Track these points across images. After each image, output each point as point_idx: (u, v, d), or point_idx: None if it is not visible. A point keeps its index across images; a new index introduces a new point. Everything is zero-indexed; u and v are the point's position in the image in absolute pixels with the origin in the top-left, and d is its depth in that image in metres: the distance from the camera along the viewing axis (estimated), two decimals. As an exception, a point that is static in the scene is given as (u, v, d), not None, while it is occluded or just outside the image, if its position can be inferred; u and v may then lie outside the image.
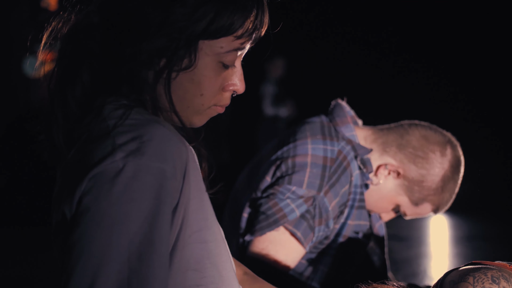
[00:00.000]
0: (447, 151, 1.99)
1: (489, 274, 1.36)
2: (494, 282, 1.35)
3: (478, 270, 1.38)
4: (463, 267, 1.45)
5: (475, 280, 1.36)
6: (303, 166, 1.87)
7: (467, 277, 1.38)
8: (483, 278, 1.36)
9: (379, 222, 2.18)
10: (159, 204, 1.06)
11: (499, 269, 1.38)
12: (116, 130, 1.09)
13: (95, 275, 1.02)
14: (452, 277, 1.43)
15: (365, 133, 2.04)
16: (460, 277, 1.40)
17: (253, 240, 1.86)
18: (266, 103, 7.13)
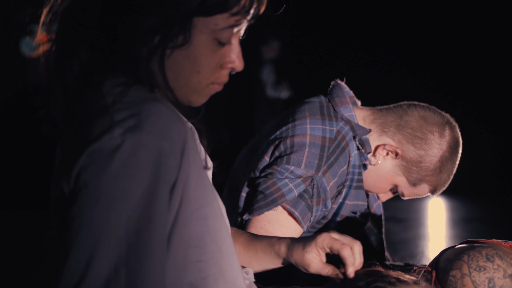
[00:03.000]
0: (446, 132, 1.99)
1: (483, 252, 1.37)
2: (488, 260, 1.36)
3: (473, 248, 1.40)
4: (459, 246, 1.46)
5: (469, 258, 1.37)
6: (302, 146, 1.88)
7: (462, 255, 1.39)
8: (478, 256, 1.37)
9: (377, 202, 2.19)
10: (157, 181, 1.06)
11: (493, 247, 1.39)
12: (115, 107, 1.09)
13: (93, 251, 1.03)
14: (448, 255, 1.44)
15: (364, 113, 2.04)
16: (455, 255, 1.41)
17: (251, 219, 1.87)
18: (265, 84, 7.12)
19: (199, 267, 1.21)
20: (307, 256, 1.42)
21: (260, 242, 1.52)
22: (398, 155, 2.00)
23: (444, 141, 1.99)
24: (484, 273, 1.35)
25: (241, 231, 1.57)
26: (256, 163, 1.95)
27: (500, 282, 1.34)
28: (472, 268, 1.36)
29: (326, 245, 1.41)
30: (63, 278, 1.04)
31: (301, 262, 1.44)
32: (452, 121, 2.02)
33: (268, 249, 1.50)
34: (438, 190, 2.07)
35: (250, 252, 1.52)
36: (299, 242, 1.46)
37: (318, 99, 2.03)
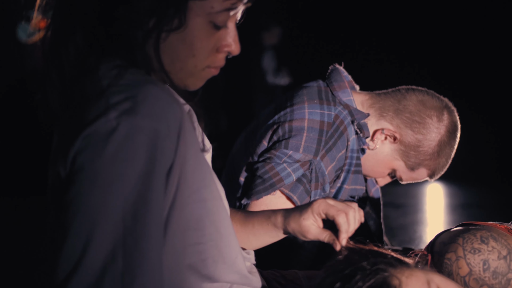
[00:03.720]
0: (444, 116, 2.00)
1: (478, 235, 1.38)
2: (483, 242, 1.37)
3: (468, 231, 1.40)
4: (454, 229, 1.47)
5: (464, 241, 1.38)
6: (300, 131, 1.88)
7: (457, 238, 1.40)
8: (472, 238, 1.38)
9: (375, 187, 2.20)
10: (153, 163, 1.06)
11: (488, 229, 1.40)
12: (110, 90, 1.09)
13: (90, 234, 1.03)
14: (443, 238, 1.45)
15: (362, 98, 2.04)
16: (450, 238, 1.42)
17: (250, 204, 1.87)
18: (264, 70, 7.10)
19: (198, 250, 1.22)
20: (304, 223, 1.42)
21: (256, 217, 1.52)
22: (396, 140, 2.00)
23: (442, 125, 1.99)
24: (479, 255, 1.35)
25: (236, 210, 1.57)
26: (254, 147, 1.95)
27: (494, 263, 1.34)
28: (467, 251, 1.36)
29: (322, 211, 1.41)
30: (60, 261, 1.04)
31: (299, 229, 1.43)
32: (450, 105, 2.03)
33: (265, 221, 1.50)
34: (436, 174, 2.07)
35: (247, 228, 1.52)
36: (295, 210, 1.46)
37: (317, 84, 2.04)
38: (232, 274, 1.30)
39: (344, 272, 1.22)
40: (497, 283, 1.34)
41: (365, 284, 1.18)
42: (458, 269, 1.36)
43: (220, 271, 1.27)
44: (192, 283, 1.23)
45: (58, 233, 1.08)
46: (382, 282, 1.18)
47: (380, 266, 1.22)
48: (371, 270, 1.21)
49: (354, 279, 1.19)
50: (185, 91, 1.26)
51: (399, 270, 1.22)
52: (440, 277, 1.26)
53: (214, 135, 1.38)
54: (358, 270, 1.22)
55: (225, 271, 1.28)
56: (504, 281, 1.34)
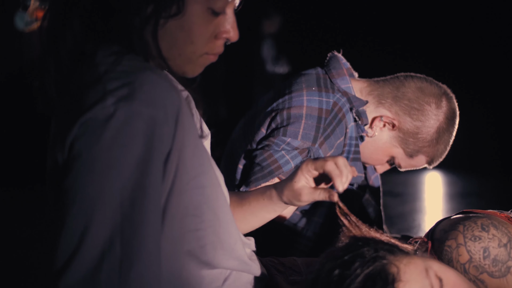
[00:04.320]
0: (443, 103, 1.99)
1: (479, 222, 1.38)
2: (483, 230, 1.36)
3: (469, 218, 1.40)
4: (454, 216, 1.47)
5: (465, 228, 1.38)
6: (298, 118, 1.87)
7: (458, 225, 1.40)
8: (473, 226, 1.37)
9: (374, 174, 2.20)
10: (151, 150, 1.06)
11: (489, 217, 1.40)
12: (107, 76, 1.09)
13: (88, 221, 1.03)
14: (443, 226, 1.44)
15: (361, 85, 2.04)
16: (450, 225, 1.42)
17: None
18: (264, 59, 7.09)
19: (197, 236, 1.22)
20: (296, 186, 1.42)
21: (251, 195, 1.53)
22: (395, 127, 2.00)
23: (441, 112, 1.99)
24: (479, 243, 1.35)
25: (231, 192, 1.57)
26: (253, 135, 1.95)
27: (494, 251, 1.34)
28: (467, 238, 1.36)
29: (310, 168, 1.40)
30: (58, 248, 1.04)
31: (292, 194, 1.43)
32: (449, 92, 2.02)
33: (260, 197, 1.50)
34: (435, 161, 2.07)
35: (244, 207, 1.52)
36: (286, 178, 1.46)
37: (315, 71, 2.03)
38: (231, 260, 1.30)
39: (343, 259, 1.22)
40: (497, 270, 1.34)
41: (364, 271, 1.18)
42: (458, 256, 1.36)
43: (219, 257, 1.27)
44: (191, 269, 1.23)
45: (56, 220, 1.07)
46: (380, 270, 1.18)
47: (379, 253, 1.22)
48: (370, 257, 1.21)
49: (352, 266, 1.19)
50: (184, 78, 1.25)
51: (397, 258, 1.22)
52: (438, 264, 1.26)
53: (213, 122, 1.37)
54: (357, 257, 1.22)
55: (224, 257, 1.28)
56: (504, 268, 1.34)
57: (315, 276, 1.23)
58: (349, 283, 1.17)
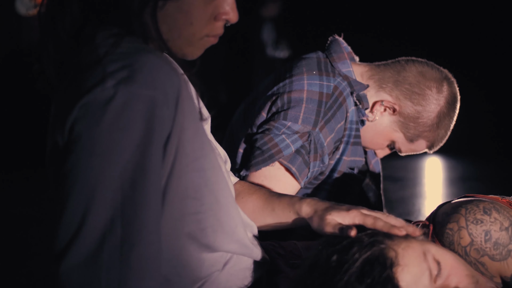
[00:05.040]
0: (444, 88, 1.98)
1: (481, 206, 1.38)
2: (485, 213, 1.36)
3: (471, 202, 1.40)
4: (456, 200, 1.47)
5: (467, 211, 1.38)
6: (299, 102, 1.87)
7: (460, 208, 1.40)
8: (475, 209, 1.38)
9: (375, 159, 2.19)
10: (151, 132, 1.06)
11: (491, 201, 1.40)
12: (107, 58, 1.08)
13: (89, 203, 1.03)
14: (445, 209, 1.44)
15: (362, 69, 2.03)
16: (452, 209, 1.42)
17: (249, 175, 1.87)
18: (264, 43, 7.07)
19: (197, 219, 1.22)
20: (328, 217, 1.36)
21: (278, 200, 1.49)
22: (395, 111, 1.99)
23: (441, 96, 1.98)
24: (481, 226, 1.35)
25: (256, 186, 1.55)
26: (253, 119, 1.94)
27: (496, 234, 1.34)
28: (469, 221, 1.36)
29: (356, 221, 1.34)
30: (59, 231, 1.05)
31: (319, 222, 1.38)
32: (450, 77, 2.01)
33: (288, 207, 1.46)
34: (436, 146, 2.07)
35: (267, 210, 1.50)
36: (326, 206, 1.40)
37: (316, 55, 2.02)
38: (232, 243, 1.30)
39: (341, 244, 1.22)
40: (498, 253, 1.34)
41: (362, 256, 1.18)
42: (460, 239, 1.36)
43: (220, 241, 1.27)
44: (191, 252, 1.23)
45: (56, 203, 1.07)
46: (378, 254, 1.18)
47: (376, 238, 1.22)
48: (367, 242, 1.21)
49: (351, 251, 1.19)
50: (183, 61, 1.25)
51: (395, 242, 1.22)
52: (436, 248, 1.26)
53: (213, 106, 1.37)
54: (354, 242, 1.22)
55: (224, 240, 1.28)
56: (505, 252, 1.34)
57: (313, 261, 1.23)
58: (347, 268, 1.17)
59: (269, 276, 1.40)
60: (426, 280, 1.19)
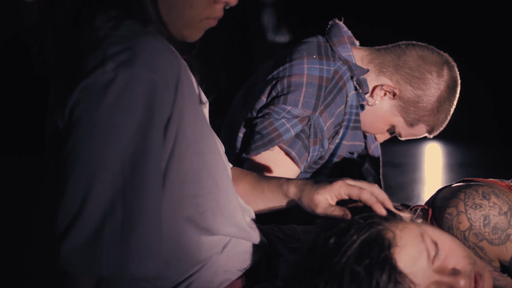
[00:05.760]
0: (444, 72, 1.98)
1: (480, 191, 1.38)
2: (484, 198, 1.37)
3: (470, 186, 1.40)
4: (455, 184, 1.47)
5: (466, 196, 1.38)
6: (299, 86, 1.86)
7: (459, 193, 1.40)
8: (474, 194, 1.38)
9: (374, 143, 2.20)
10: (151, 114, 1.06)
11: (490, 186, 1.40)
12: (107, 41, 1.08)
13: (89, 185, 1.04)
14: (444, 193, 1.45)
15: (362, 53, 2.02)
16: (451, 193, 1.42)
17: (248, 160, 1.87)
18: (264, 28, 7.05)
19: (196, 202, 1.22)
20: (316, 197, 1.37)
21: (267, 182, 1.50)
22: (395, 96, 1.99)
23: (442, 80, 1.98)
24: (480, 211, 1.35)
25: (247, 171, 1.56)
26: (253, 103, 1.94)
27: (495, 219, 1.34)
28: (468, 206, 1.36)
29: (343, 192, 1.36)
30: (60, 213, 1.05)
31: (309, 202, 1.39)
32: (450, 61, 2.01)
33: (276, 189, 1.47)
34: (435, 130, 2.07)
35: (256, 192, 1.50)
36: (312, 184, 1.41)
37: (316, 39, 2.01)
38: (230, 227, 1.31)
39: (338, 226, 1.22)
40: (497, 238, 1.35)
41: (360, 237, 1.18)
42: (459, 224, 1.36)
43: (219, 224, 1.27)
44: (191, 236, 1.23)
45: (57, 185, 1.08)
46: (376, 235, 1.19)
47: (374, 219, 1.22)
48: (365, 224, 1.21)
49: (348, 233, 1.19)
50: (182, 44, 1.25)
51: (393, 223, 1.23)
52: (433, 229, 1.27)
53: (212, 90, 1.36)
54: (352, 224, 1.22)
55: (223, 224, 1.28)
56: (503, 236, 1.35)
57: (311, 245, 1.23)
58: (345, 250, 1.17)
59: (268, 260, 1.41)
60: (424, 261, 1.20)
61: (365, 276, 1.14)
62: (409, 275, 1.17)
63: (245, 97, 2.07)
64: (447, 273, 1.21)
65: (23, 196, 3.75)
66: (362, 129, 2.04)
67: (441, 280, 1.20)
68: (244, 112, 1.99)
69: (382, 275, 1.14)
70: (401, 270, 1.16)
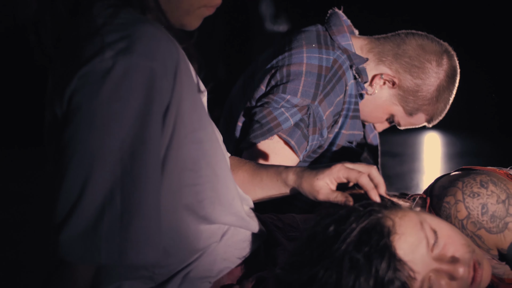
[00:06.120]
0: (444, 61, 1.98)
1: (478, 179, 1.38)
2: (482, 187, 1.37)
3: (468, 175, 1.40)
4: (453, 173, 1.47)
5: (464, 184, 1.38)
6: (298, 75, 1.86)
7: (457, 182, 1.40)
8: (472, 182, 1.38)
9: (373, 133, 2.20)
10: (150, 103, 1.06)
11: (488, 174, 1.40)
12: (105, 29, 1.08)
13: (88, 174, 1.03)
14: (442, 182, 1.45)
15: (361, 42, 2.02)
16: (449, 182, 1.42)
17: (247, 149, 1.87)
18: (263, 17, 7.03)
19: (195, 191, 1.22)
20: (317, 183, 1.37)
21: (266, 170, 1.49)
22: (395, 85, 1.99)
23: (441, 70, 1.98)
24: (478, 199, 1.35)
25: (245, 160, 1.56)
26: (252, 92, 1.94)
27: (493, 207, 1.35)
28: (466, 194, 1.36)
29: (342, 176, 1.36)
30: (58, 203, 1.05)
31: (310, 189, 1.38)
32: (450, 50, 2.01)
33: (275, 177, 1.46)
34: (435, 119, 2.07)
35: (255, 180, 1.50)
36: (310, 170, 1.41)
37: (315, 28, 2.01)
38: (229, 216, 1.31)
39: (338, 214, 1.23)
40: (495, 226, 1.35)
41: (359, 225, 1.18)
42: (457, 213, 1.37)
43: (217, 213, 1.27)
44: (189, 224, 1.23)
45: (55, 174, 1.07)
46: (376, 223, 1.19)
47: (373, 207, 1.23)
48: (364, 212, 1.21)
49: (348, 221, 1.20)
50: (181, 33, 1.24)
51: (392, 211, 1.23)
52: (432, 218, 1.27)
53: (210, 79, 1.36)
54: (351, 212, 1.22)
55: (222, 213, 1.28)
56: (501, 224, 1.35)
57: (311, 232, 1.24)
58: (345, 237, 1.17)
59: (267, 248, 1.41)
60: (423, 248, 1.20)
61: (365, 263, 1.14)
62: (408, 263, 1.17)
63: (244, 86, 2.06)
64: (446, 261, 1.22)
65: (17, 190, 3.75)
66: (361, 118, 2.04)
67: (440, 268, 1.21)
68: (243, 101, 1.98)
69: (382, 262, 1.14)
70: (400, 257, 1.17)
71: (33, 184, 3.62)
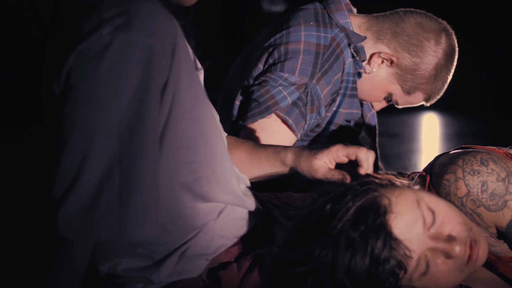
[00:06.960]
0: (442, 39, 1.97)
1: (478, 157, 1.38)
2: (483, 164, 1.36)
3: (468, 153, 1.40)
4: (453, 151, 1.46)
5: (464, 162, 1.38)
6: (296, 53, 1.85)
7: (457, 159, 1.39)
8: (472, 160, 1.37)
9: (371, 111, 2.19)
10: (148, 79, 1.05)
11: (488, 152, 1.39)
12: (102, 5, 1.07)
13: (86, 151, 1.03)
14: (442, 160, 1.44)
15: (360, 20, 2.01)
16: (449, 160, 1.41)
17: (245, 127, 1.86)
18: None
19: (192, 169, 1.22)
20: (315, 162, 1.39)
21: (264, 150, 1.50)
22: (393, 63, 1.98)
23: (440, 48, 1.96)
24: (478, 177, 1.35)
25: (242, 140, 1.56)
26: (250, 71, 1.93)
27: (493, 185, 1.34)
28: (466, 172, 1.36)
29: (341, 154, 1.38)
30: (56, 179, 1.04)
31: (308, 168, 1.41)
32: (448, 29, 1.99)
33: (273, 156, 1.48)
34: (433, 98, 2.06)
35: (253, 160, 1.51)
36: (309, 150, 1.43)
37: (313, 6, 2.00)
38: (226, 194, 1.30)
39: (334, 192, 1.22)
40: (494, 204, 1.35)
41: (355, 204, 1.19)
42: (456, 190, 1.36)
43: (214, 191, 1.27)
44: (186, 202, 1.23)
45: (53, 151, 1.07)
46: (372, 202, 1.19)
47: (370, 185, 1.22)
48: (361, 190, 1.21)
49: (344, 200, 1.20)
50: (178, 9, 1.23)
51: (389, 190, 1.23)
52: (429, 196, 1.27)
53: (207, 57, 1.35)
54: (348, 190, 1.22)
55: (219, 191, 1.28)
56: (501, 202, 1.35)
57: (308, 211, 1.24)
58: (341, 216, 1.17)
59: (265, 226, 1.41)
60: (420, 227, 1.20)
61: (361, 242, 1.14)
62: (404, 242, 1.17)
63: (242, 65, 2.05)
64: (443, 239, 1.22)
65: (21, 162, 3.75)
66: (359, 97, 2.04)
67: (437, 246, 1.21)
68: (241, 80, 1.97)
69: (377, 241, 1.15)
70: (396, 236, 1.17)
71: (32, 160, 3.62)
